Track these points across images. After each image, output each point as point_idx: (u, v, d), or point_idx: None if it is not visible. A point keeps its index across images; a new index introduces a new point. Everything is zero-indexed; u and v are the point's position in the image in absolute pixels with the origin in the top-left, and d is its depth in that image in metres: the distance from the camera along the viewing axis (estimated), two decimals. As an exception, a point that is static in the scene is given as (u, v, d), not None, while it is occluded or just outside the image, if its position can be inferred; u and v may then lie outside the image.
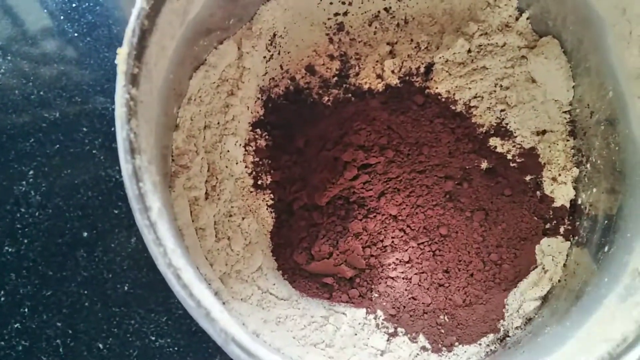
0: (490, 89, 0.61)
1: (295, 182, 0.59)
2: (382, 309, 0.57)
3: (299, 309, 0.56)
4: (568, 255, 0.58)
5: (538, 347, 0.51)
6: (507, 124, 0.61)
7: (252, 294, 0.54)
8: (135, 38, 0.38)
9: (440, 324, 0.57)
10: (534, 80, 0.60)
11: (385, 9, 0.63)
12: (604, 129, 0.55)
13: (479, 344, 0.57)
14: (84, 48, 0.66)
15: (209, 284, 0.50)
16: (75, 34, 0.66)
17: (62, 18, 0.66)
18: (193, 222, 0.51)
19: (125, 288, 0.62)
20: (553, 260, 0.58)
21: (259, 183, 0.59)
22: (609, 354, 0.40)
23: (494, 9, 0.60)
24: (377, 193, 0.59)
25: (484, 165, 0.61)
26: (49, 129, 0.64)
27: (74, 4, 0.67)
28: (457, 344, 0.57)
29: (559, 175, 0.60)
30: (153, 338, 0.61)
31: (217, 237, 0.54)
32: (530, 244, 0.59)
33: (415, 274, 0.58)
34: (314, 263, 0.58)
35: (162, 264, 0.36)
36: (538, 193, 0.60)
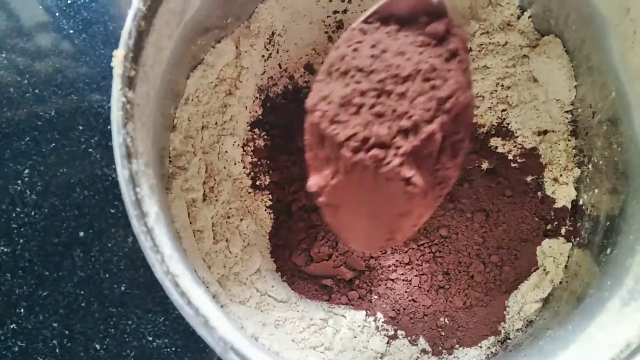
0: (492, 89, 0.61)
1: (294, 182, 0.59)
2: (381, 311, 0.57)
3: (298, 312, 0.55)
4: (569, 257, 0.58)
5: (539, 350, 0.50)
6: (508, 124, 0.61)
7: (250, 297, 0.53)
8: (132, 40, 0.37)
9: (441, 327, 0.57)
10: (536, 80, 0.59)
11: (386, 7, 0.62)
12: (607, 129, 0.54)
13: (480, 347, 0.57)
14: (80, 45, 0.65)
15: (207, 287, 0.49)
16: (71, 31, 0.65)
17: (57, 14, 0.65)
18: (191, 224, 0.51)
19: (122, 288, 0.61)
20: (554, 262, 0.58)
21: (258, 184, 0.58)
22: (613, 360, 0.40)
23: (496, 8, 0.59)
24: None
25: (485, 166, 0.60)
26: (45, 127, 0.63)
27: (70, 0, 0.66)
28: (457, 347, 0.56)
29: (561, 176, 0.59)
30: (150, 338, 0.61)
31: (215, 239, 0.53)
32: (531, 245, 0.58)
33: (415, 276, 0.58)
34: (313, 265, 0.57)
35: (159, 272, 0.35)
36: (539, 194, 0.60)
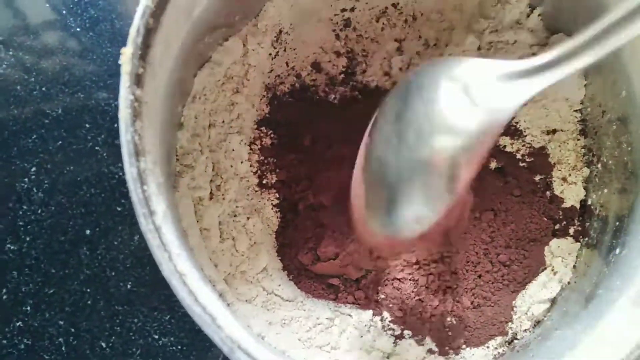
0: (500, 87, 0.60)
1: (301, 181, 0.58)
2: (388, 311, 0.57)
3: (304, 311, 0.55)
4: (578, 257, 0.57)
5: (547, 351, 0.50)
6: (516, 123, 0.60)
7: (257, 295, 0.53)
8: (140, 37, 0.37)
9: (448, 327, 0.57)
10: (545, 78, 0.59)
11: (393, 5, 0.61)
12: (616, 129, 0.54)
13: (487, 347, 0.56)
14: (87, 43, 0.65)
15: (214, 286, 0.49)
16: (78, 29, 0.65)
17: (64, 12, 0.65)
18: (197, 222, 0.51)
19: (128, 286, 0.61)
20: (562, 262, 0.57)
21: (264, 182, 0.58)
22: (622, 362, 0.40)
23: (505, 6, 0.59)
24: (384, 193, 0.58)
25: (493, 165, 0.60)
26: (52, 125, 0.63)
27: (77, -2, 0.66)
28: (464, 347, 0.56)
29: (569, 175, 0.59)
30: (156, 336, 0.61)
31: (221, 237, 0.53)
32: (540, 245, 0.58)
33: (423, 276, 0.57)
34: (320, 264, 0.57)
35: (166, 270, 0.35)
36: (548, 193, 0.59)
